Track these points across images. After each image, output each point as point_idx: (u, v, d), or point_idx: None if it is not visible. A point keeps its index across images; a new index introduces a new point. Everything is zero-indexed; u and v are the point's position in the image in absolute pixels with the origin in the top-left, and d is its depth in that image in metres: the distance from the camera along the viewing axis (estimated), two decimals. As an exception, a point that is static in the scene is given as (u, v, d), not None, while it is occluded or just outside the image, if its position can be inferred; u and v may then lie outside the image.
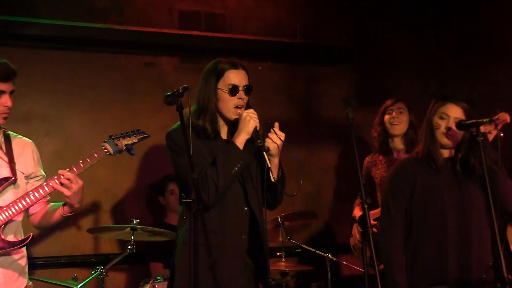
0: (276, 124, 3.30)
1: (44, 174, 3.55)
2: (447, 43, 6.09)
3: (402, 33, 6.22)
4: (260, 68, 5.77)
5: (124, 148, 3.47)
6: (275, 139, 3.25)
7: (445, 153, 3.73)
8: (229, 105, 3.28)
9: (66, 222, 4.99)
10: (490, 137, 3.94)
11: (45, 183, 3.29)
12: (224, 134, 3.37)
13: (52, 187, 3.26)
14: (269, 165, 3.22)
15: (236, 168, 3.19)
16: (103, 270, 4.42)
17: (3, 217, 3.23)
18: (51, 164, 4.89)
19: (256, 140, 3.23)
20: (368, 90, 6.06)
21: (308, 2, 6.07)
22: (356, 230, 4.97)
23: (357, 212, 4.93)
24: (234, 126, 3.31)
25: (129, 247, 4.48)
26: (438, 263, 3.61)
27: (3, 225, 3.23)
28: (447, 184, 3.67)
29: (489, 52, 5.73)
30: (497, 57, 5.66)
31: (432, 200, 3.66)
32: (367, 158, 4.89)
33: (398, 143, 4.79)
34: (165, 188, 5.23)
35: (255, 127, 3.23)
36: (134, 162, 5.32)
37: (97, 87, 5.40)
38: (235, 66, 3.32)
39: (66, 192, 3.24)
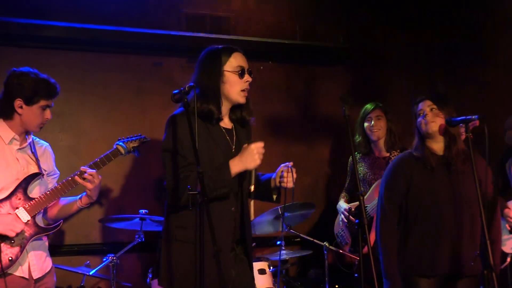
0: (291, 167, 3.18)
1: (58, 172, 3.73)
2: (437, 46, 6.08)
3: (395, 36, 6.21)
4: (261, 67, 5.77)
5: (131, 150, 3.71)
6: (290, 182, 3.17)
7: (439, 150, 3.72)
8: (237, 88, 3.18)
9: (79, 213, 5.01)
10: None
11: (69, 178, 3.48)
12: (223, 123, 3.25)
13: (77, 181, 3.47)
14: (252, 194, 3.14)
15: (218, 192, 3.05)
16: (114, 258, 4.44)
17: (37, 206, 3.42)
18: (65, 158, 4.92)
19: (249, 180, 3.13)
20: (363, 88, 6.06)
21: (307, 6, 6.07)
22: (339, 219, 5.02)
23: (342, 204, 5.03)
24: (235, 109, 3.25)
25: (138, 236, 4.49)
26: (429, 256, 3.60)
27: (36, 214, 3.42)
28: (441, 181, 3.66)
29: (476, 54, 5.72)
30: (484, 59, 5.65)
31: (427, 196, 3.65)
32: (350, 157, 4.94)
33: (378, 145, 4.92)
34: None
35: (254, 167, 3.11)
36: (142, 157, 5.28)
37: (108, 86, 5.40)
38: (237, 50, 3.25)
39: (89, 186, 3.48)
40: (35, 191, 3.50)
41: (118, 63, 5.46)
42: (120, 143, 3.67)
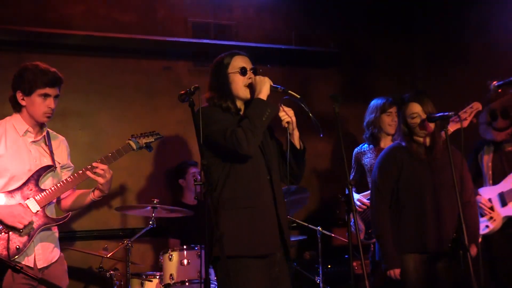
0: (282, 106, 3.23)
1: (73, 165, 3.59)
2: (418, 50, 6.09)
3: (380, 41, 6.21)
4: (260, 70, 5.73)
5: (144, 145, 3.55)
6: (284, 115, 3.22)
7: (422, 141, 3.74)
8: (240, 85, 3.20)
9: (98, 202, 4.98)
10: (466, 123, 3.93)
11: (80, 172, 3.33)
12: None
13: (88, 176, 3.32)
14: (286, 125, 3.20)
15: (266, 115, 3.08)
16: (129, 242, 4.44)
17: (47, 198, 3.28)
18: (85, 153, 4.93)
19: (276, 89, 3.18)
20: (352, 89, 6.06)
21: (301, 15, 6.05)
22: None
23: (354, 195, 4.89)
24: (248, 105, 3.22)
25: (151, 222, 4.50)
26: (418, 234, 3.62)
27: (46, 205, 3.28)
28: (425, 169, 3.68)
29: (454, 57, 5.73)
30: (461, 62, 5.65)
31: (413, 182, 3.68)
32: (356, 149, 4.82)
33: (388, 138, 4.72)
34: (186, 172, 5.21)
35: (271, 84, 3.17)
36: (155, 151, 5.31)
37: (123, 88, 5.40)
38: (238, 53, 3.29)
39: (100, 180, 3.31)
40: (47, 182, 3.35)
41: (131, 67, 5.46)
42: (132, 139, 3.53)
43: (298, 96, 3.17)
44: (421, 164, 3.69)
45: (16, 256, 3.16)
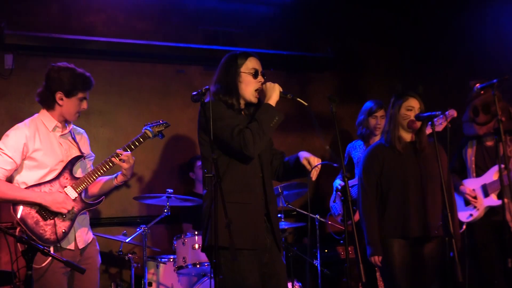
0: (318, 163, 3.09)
1: (94, 155, 3.62)
2: (408, 54, 6.06)
3: (373, 47, 6.18)
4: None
5: (157, 133, 3.58)
6: (314, 176, 3.07)
7: (408, 137, 3.72)
8: (250, 87, 3.06)
9: (117, 192, 5.03)
10: (441, 127, 3.92)
11: (107, 159, 3.36)
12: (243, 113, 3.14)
13: (114, 162, 3.36)
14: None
15: (274, 121, 2.96)
16: (146, 228, 4.44)
17: (82, 184, 3.32)
18: (105, 148, 4.91)
19: (286, 95, 3.04)
20: (346, 90, 6.04)
21: (301, 24, 6.03)
22: (333, 193, 4.97)
23: (338, 181, 4.91)
24: (249, 106, 3.12)
25: (165, 210, 4.49)
26: (401, 221, 3.61)
27: (81, 191, 3.32)
28: (408, 162, 3.66)
29: (441, 60, 5.71)
30: (447, 64, 5.63)
31: (397, 175, 3.66)
32: (349, 144, 4.87)
33: (376, 138, 4.74)
34: (194, 165, 5.20)
35: (280, 91, 3.05)
36: (169, 146, 5.32)
37: (140, 89, 5.39)
38: (252, 55, 3.14)
39: (124, 165, 3.36)
40: (78, 171, 3.41)
41: (148, 71, 5.45)
42: (148, 128, 3.56)
43: (306, 104, 3.06)
44: (404, 158, 3.66)
45: (63, 239, 3.22)
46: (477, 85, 3.72)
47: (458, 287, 3.28)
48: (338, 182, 4.87)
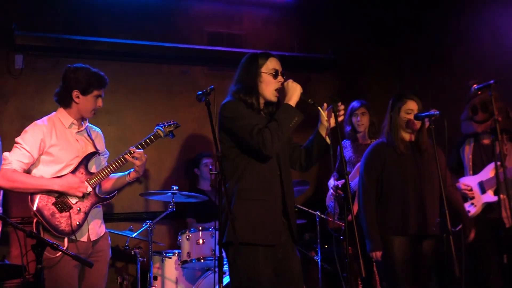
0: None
1: (108, 152, 3.68)
2: (405, 58, 6.05)
3: (372, 48, 6.16)
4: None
5: (168, 133, 3.62)
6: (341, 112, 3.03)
7: (408, 138, 3.71)
8: (271, 87, 3.03)
9: (125, 189, 5.01)
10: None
11: (121, 156, 3.41)
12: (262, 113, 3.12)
13: (127, 159, 3.41)
14: (327, 123, 3.01)
15: (294, 122, 2.93)
16: (151, 224, 4.44)
17: (97, 180, 3.36)
18: (113, 146, 4.86)
19: (307, 99, 3.01)
20: (347, 90, 6.03)
21: (303, 26, 6.03)
22: (329, 193, 4.96)
23: (332, 181, 4.89)
24: (268, 105, 3.10)
25: (170, 206, 4.49)
26: (401, 219, 3.60)
27: (97, 186, 3.38)
28: (408, 161, 3.65)
29: (436, 63, 5.70)
30: (442, 66, 5.63)
31: (397, 174, 3.65)
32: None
33: (362, 134, 4.81)
34: (199, 162, 5.20)
35: (301, 91, 3.01)
36: (174, 144, 5.32)
37: (146, 89, 5.39)
38: (273, 55, 3.12)
39: (137, 163, 3.43)
40: (92, 167, 3.45)
41: (153, 71, 5.45)
42: (160, 128, 3.60)
43: (325, 114, 3.05)
44: (405, 157, 3.65)
45: (77, 231, 3.26)
46: (475, 85, 3.71)
47: (455, 282, 3.27)
48: (332, 183, 4.87)
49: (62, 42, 4.98)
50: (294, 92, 2.99)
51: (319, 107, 3.05)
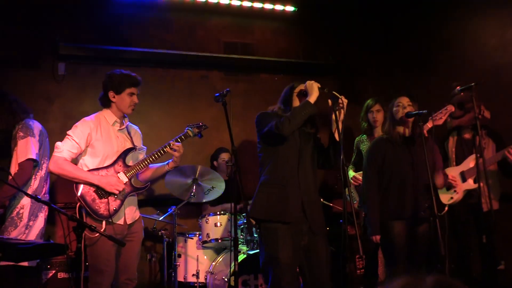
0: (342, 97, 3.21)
1: (145, 147, 3.70)
2: (397, 61, 6.02)
3: (368, 55, 6.15)
4: (276, 78, 5.74)
5: (196, 133, 3.63)
6: (342, 102, 3.22)
7: (402, 131, 3.70)
8: (297, 101, 3.32)
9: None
10: (441, 121, 3.91)
11: (160, 149, 3.45)
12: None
13: (167, 151, 3.45)
14: (339, 118, 3.16)
15: (305, 112, 3.13)
16: (176, 209, 4.47)
17: (133, 171, 3.41)
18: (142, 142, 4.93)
19: (323, 90, 3.18)
20: (345, 92, 5.92)
21: (307, 36, 6.02)
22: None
23: (351, 173, 4.76)
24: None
25: (192, 194, 4.51)
26: (398, 205, 3.59)
27: (132, 177, 3.42)
28: (405, 153, 3.64)
29: (425, 67, 5.67)
30: (429, 71, 5.59)
31: (395, 165, 3.64)
32: (357, 138, 4.79)
33: (378, 129, 4.67)
34: (218, 156, 5.22)
35: (318, 86, 3.20)
36: (195, 140, 5.31)
37: (170, 92, 5.42)
38: (299, 82, 3.36)
39: (176, 154, 3.46)
40: (130, 161, 3.49)
41: (177, 76, 5.47)
42: (189, 128, 3.62)
43: (340, 96, 3.19)
44: (401, 150, 3.65)
45: (114, 215, 3.31)
46: (458, 87, 3.71)
47: (440, 259, 3.27)
48: (352, 174, 4.70)
49: (99, 52, 5.03)
50: (313, 89, 3.18)
51: (333, 92, 3.20)
